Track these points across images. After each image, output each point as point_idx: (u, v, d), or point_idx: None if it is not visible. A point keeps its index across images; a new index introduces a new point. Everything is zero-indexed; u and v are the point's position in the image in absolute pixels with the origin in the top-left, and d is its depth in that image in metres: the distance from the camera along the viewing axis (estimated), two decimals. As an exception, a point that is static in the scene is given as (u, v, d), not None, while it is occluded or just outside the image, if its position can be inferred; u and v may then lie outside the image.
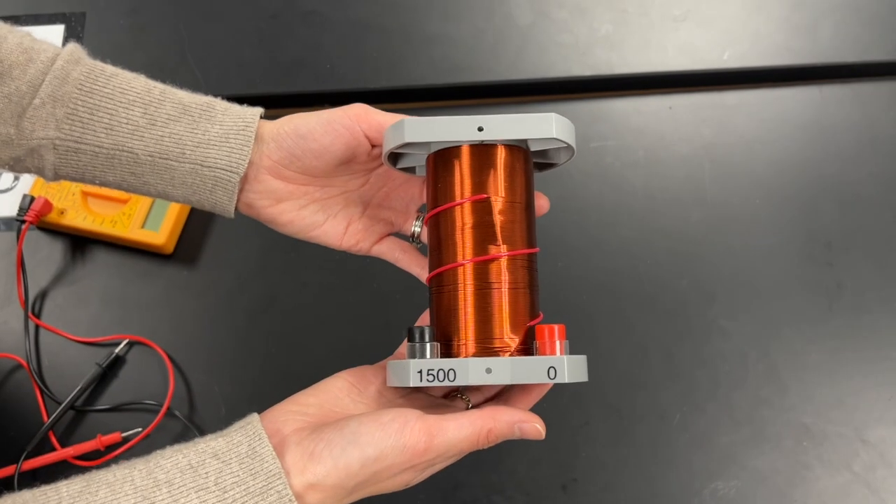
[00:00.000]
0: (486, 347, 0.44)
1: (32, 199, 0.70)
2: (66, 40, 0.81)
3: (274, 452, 0.38)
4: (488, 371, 0.41)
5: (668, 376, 0.67)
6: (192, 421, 0.65)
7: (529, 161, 0.46)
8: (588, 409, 0.66)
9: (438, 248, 0.45)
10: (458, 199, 0.44)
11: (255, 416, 0.41)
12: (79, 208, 0.71)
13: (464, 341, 0.44)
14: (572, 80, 0.80)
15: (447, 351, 0.44)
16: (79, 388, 0.65)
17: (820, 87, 0.80)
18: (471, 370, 0.41)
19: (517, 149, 0.45)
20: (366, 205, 0.52)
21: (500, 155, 0.45)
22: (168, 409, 0.65)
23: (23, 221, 0.69)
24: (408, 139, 0.43)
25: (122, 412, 0.66)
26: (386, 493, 0.42)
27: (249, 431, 0.39)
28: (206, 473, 0.37)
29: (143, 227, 0.70)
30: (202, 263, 0.72)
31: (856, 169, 0.76)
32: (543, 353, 0.43)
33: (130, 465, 0.38)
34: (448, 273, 0.44)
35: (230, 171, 0.47)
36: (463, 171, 0.45)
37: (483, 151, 0.44)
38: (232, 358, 0.68)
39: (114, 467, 0.38)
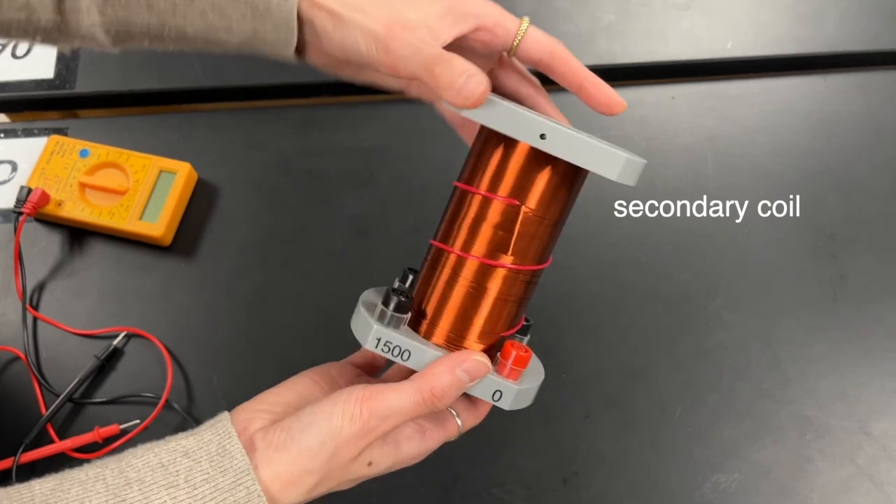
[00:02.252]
0: (453, 343, 0.43)
1: (30, 190, 0.69)
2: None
3: (243, 450, 0.39)
4: None
5: (670, 368, 0.66)
6: (190, 413, 0.65)
7: (581, 181, 0.44)
8: (589, 402, 0.65)
9: (452, 222, 0.44)
10: (492, 191, 0.42)
11: (225, 415, 0.41)
12: (76, 200, 0.71)
13: (434, 328, 0.43)
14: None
15: (414, 324, 0.44)
16: (77, 380, 0.65)
17: (824, 76, 0.79)
18: (425, 360, 0.41)
19: (574, 167, 0.42)
20: None
21: (555, 169, 0.42)
22: (166, 401, 0.65)
23: (20, 213, 0.69)
24: (481, 120, 0.41)
25: (120, 405, 0.65)
26: (365, 483, 0.42)
27: (220, 430, 0.40)
28: (176, 472, 0.37)
29: (140, 218, 0.70)
30: (200, 255, 0.71)
31: (860, 159, 0.75)
32: (500, 372, 0.43)
33: (103, 464, 0.38)
34: (451, 256, 0.43)
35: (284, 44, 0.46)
36: (511, 167, 0.42)
37: (540, 158, 0.41)
38: (230, 350, 0.68)
39: (86, 466, 0.38)
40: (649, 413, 0.65)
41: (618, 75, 0.80)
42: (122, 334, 0.68)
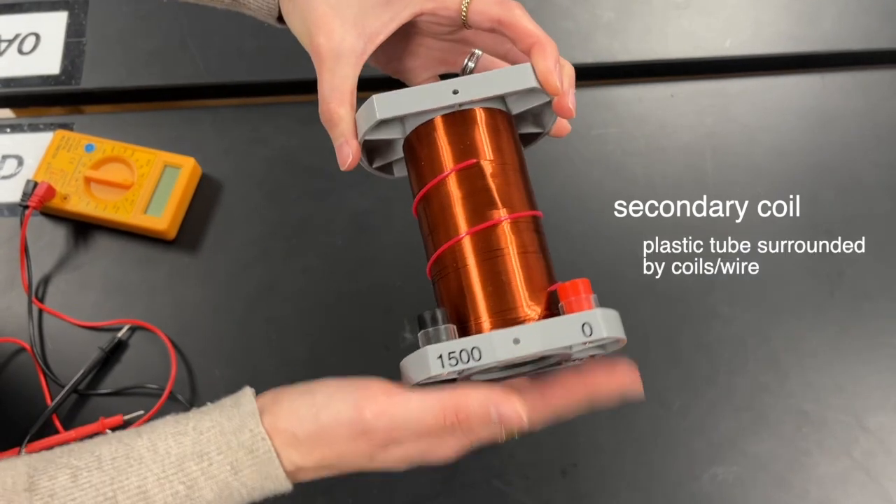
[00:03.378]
0: (508, 319, 0.39)
1: (35, 184, 0.70)
2: (69, 27, 0.81)
3: (253, 398, 0.40)
4: (516, 342, 0.36)
5: (669, 362, 0.67)
6: (193, 405, 0.65)
7: (513, 123, 0.44)
8: (588, 395, 0.66)
9: (434, 230, 0.42)
10: (444, 172, 0.42)
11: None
12: (82, 194, 0.71)
13: (481, 319, 0.39)
14: (574, 67, 0.80)
15: (464, 334, 0.39)
16: (82, 371, 0.66)
17: (822, 74, 0.79)
18: (496, 344, 0.36)
19: (498, 111, 0.43)
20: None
21: (481, 117, 0.42)
22: (170, 392, 0.65)
23: (26, 207, 0.69)
24: (380, 116, 0.41)
25: (124, 396, 0.66)
26: (363, 473, 0.41)
27: (238, 393, 0.41)
28: (185, 421, 0.39)
29: (145, 212, 0.71)
30: (204, 249, 0.72)
31: (857, 157, 0.75)
32: (572, 312, 0.38)
33: (126, 430, 0.40)
34: (449, 253, 0.41)
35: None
36: (443, 143, 0.42)
37: (461, 118, 0.42)
38: (233, 342, 0.68)
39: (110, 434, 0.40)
40: (648, 406, 0.65)
41: (617, 73, 0.81)
42: (127, 327, 0.68)
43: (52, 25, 0.82)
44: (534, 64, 0.42)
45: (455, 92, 0.41)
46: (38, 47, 0.81)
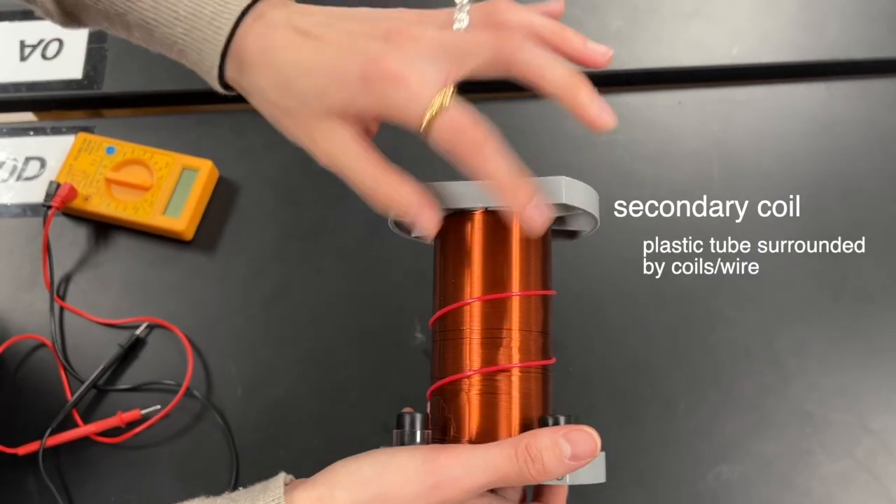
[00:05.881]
0: None
1: (58, 185, 0.72)
2: (91, 33, 0.84)
3: (282, 485, 0.38)
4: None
5: (674, 363, 0.68)
6: (209, 401, 0.67)
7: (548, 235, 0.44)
8: (595, 394, 0.67)
9: (463, 350, 0.42)
10: (491, 292, 0.41)
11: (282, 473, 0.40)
12: (103, 195, 0.73)
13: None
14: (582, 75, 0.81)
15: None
16: (101, 367, 0.68)
17: (828, 83, 0.81)
18: None
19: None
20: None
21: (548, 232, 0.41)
22: (187, 389, 0.67)
23: (49, 207, 0.71)
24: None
25: (142, 392, 0.68)
26: None
27: (270, 480, 0.39)
28: None
29: (163, 213, 0.72)
30: (221, 249, 0.74)
31: (862, 164, 0.77)
32: None
33: None
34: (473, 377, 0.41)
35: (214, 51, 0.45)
36: (477, 259, 0.42)
37: (500, 223, 0.41)
38: (248, 341, 0.70)
39: None
40: (653, 406, 0.67)
41: (626, 80, 0.82)
42: (145, 324, 0.70)
43: (75, 31, 0.84)
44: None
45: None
46: (61, 52, 0.83)
